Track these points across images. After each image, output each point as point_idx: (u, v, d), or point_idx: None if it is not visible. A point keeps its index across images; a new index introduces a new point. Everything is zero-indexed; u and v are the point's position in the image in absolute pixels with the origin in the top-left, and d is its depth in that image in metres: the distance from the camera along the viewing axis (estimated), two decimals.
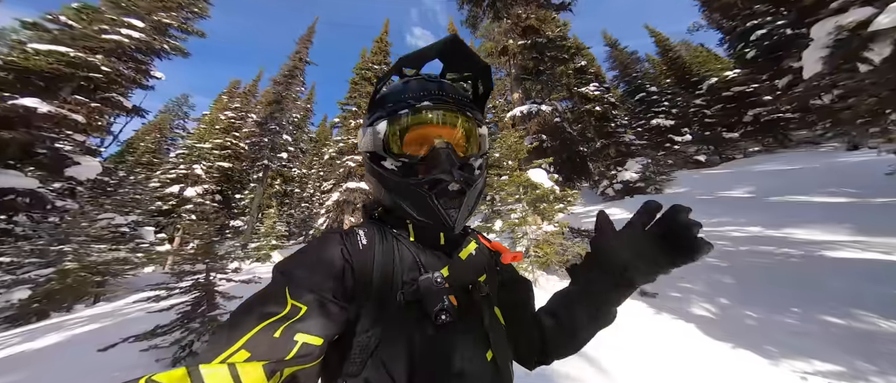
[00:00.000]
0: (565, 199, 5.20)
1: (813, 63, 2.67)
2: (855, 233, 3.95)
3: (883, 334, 2.22)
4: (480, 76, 0.63)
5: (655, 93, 17.73)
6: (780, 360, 2.15)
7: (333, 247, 0.50)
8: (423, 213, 0.54)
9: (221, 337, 0.38)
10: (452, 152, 0.54)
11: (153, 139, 22.22)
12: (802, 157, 10.54)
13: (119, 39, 7.93)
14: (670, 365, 2.30)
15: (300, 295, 0.42)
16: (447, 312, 0.46)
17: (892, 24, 1.85)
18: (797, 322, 2.55)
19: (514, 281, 0.69)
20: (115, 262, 7.47)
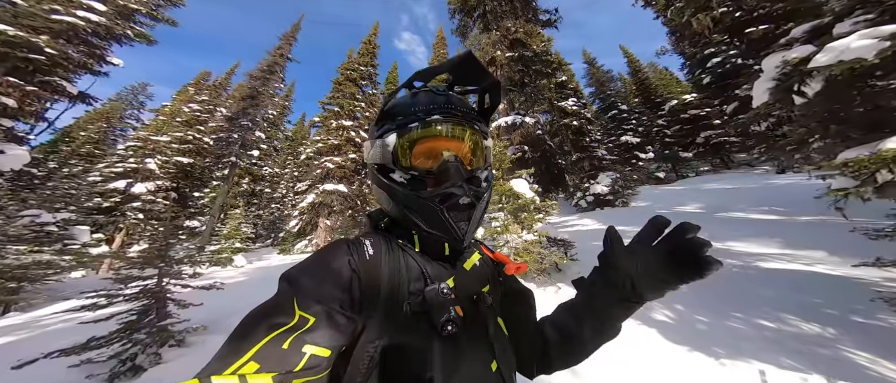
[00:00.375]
0: (544, 209, 5.40)
1: (761, 93, 3.04)
2: (783, 247, 4.54)
3: (804, 335, 2.58)
4: (489, 91, 0.64)
5: (625, 111, 19.28)
6: (725, 360, 2.41)
7: (341, 257, 0.50)
8: (434, 226, 0.54)
9: (229, 349, 0.38)
10: (462, 165, 0.56)
11: (97, 129, 19.68)
12: (741, 178, 11.98)
13: (73, 21, 6.98)
14: (635, 366, 2.46)
15: (308, 305, 0.42)
16: (453, 323, 0.47)
17: (829, 62, 2.17)
18: (739, 326, 2.86)
19: (516, 291, 0.70)
20: (36, 266, 6.31)
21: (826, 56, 2.20)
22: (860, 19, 2.43)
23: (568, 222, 9.70)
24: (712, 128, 16.53)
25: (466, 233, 0.55)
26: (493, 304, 0.59)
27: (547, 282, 4.83)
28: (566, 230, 8.05)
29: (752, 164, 15.07)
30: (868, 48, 2.02)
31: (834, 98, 2.65)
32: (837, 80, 2.51)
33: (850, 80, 2.50)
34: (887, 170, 1.90)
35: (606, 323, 0.58)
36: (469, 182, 0.55)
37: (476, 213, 0.57)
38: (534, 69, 7.32)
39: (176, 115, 16.48)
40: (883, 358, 2.20)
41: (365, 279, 0.49)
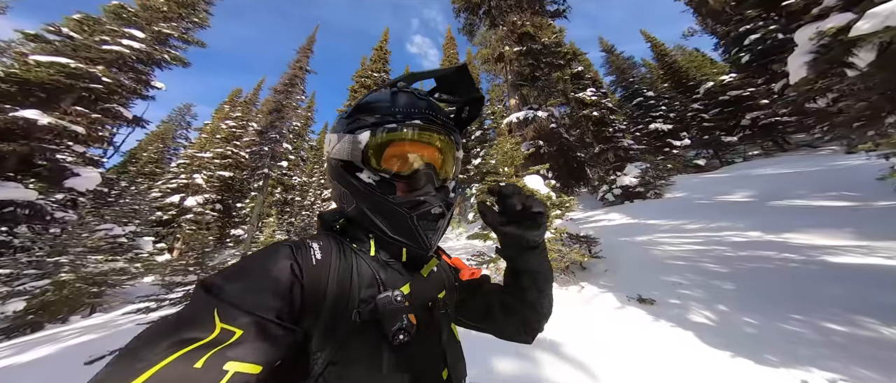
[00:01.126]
0: (562, 206, 5.17)
1: (798, 68, 2.69)
2: (857, 238, 3.85)
3: (885, 341, 2.15)
4: (470, 104, 0.63)
5: (653, 97, 17.85)
6: (780, 369, 2.08)
7: (281, 261, 0.44)
8: (400, 233, 0.52)
9: (120, 369, 0.30)
10: (435, 173, 0.54)
11: (156, 149, 22.46)
12: (801, 161, 10.49)
13: (119, 50, 8.09)
14: (667, 373, 2.23)
15: (233, 317, 0.36)
16: (405, 331, 0.44)
17: (873, 29, 1.86)
18: (798, 329, 2.47)
19: (475, 286, 0.71)
20: (113, 273, 7.47)
21: (869, 23, 1.90)
22: None
23: (593, 217, 9.18)
24: (759, 108, 14.73)
25: (433, 242, 0.53)
26: (448, 311, 0.58)
27: (569, 280, 4.62)
28: (590, 225, 7.63)
29: (814, 145, 13.17)
30: None
31: (893, 69, 2.26)
32: (891, 48, 2.14)
33: None
34: None
35: (532, 272, 0.64)
36: (439, 191, 0.54)
37: (444, 223, 0.55)
38: (545, 61, 7.06)
39: (215, 133, 18.26)
40: None
41: (309, 286, 0.44)
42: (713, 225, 5.65)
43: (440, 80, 0.61)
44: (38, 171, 6.04)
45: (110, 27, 8.48)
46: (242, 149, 17.71)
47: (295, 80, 18.44)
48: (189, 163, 16.77)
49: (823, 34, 2.40)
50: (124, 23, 8.95)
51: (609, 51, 20.87)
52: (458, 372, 0.54)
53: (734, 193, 8.04)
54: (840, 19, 2.30)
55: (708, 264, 4.02)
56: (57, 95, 6.61)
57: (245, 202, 18.99)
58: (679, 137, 16.23)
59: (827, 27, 2.36)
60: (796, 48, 2.74)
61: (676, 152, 15.67)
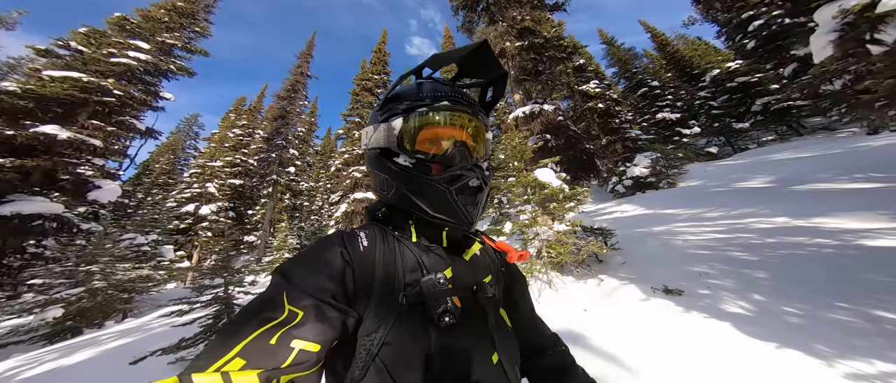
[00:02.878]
0: (575, 198, 5.10)
1: (823, 48, 2.60)
2: (893, 220, 3.62)
3: None
4: (494, 83, 0.64)
5: (658, 87, 17.54)
6: (834, 361, 1.94)
7: (333, 249, 0.49)
8: (442, 210, 0.53)
9: (218, 343, 0.37)
10: (468, 151, 0.56)
11: (167, 160, 23.01)
12: (819, 144, 10.15)
13: (127, 62, 8.28)
14: (707, 365, 2.15)
15: (298, 299, 0.41)
16: (451, 314, 0.45)
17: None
18: (846, 318, 2.31)
19: (515, 281, 0.70)
20: (140, 280, 7.74)
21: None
22: None
23: (605, 209, 9.05)
24: (769, 93, 14.35)
25: (473, 217, 0.54)
26: (495, 295, 0.57)
27: (587, 273, 4.55)
28: (603, 218, 7.52)
29: (831, 128, 12.75)
30: None
31: None
32: None
33: None
34: None
35: None
36: (477, 168, 0.55)
37: (482, 197, 0.56)
38: (547, 55, 6.99)
39: (224, 141, 18.61)
40: None
41: (359, 270, 0.48)
42: (735, 212, 5.50)
43: (462, 64, 0.61)
44: (62, 185, 6.23)
45: (116, 39, 8.69)
46: (250, 157, 18.02)
47: (297, 85, 18.68)
48: (201, 173, 17.13)
49: (847, 12, 2.32)
50: (129, 34, 9.16)
51: (609, 43, 20.59)
52: (510, 356, 0.52)
53: (752, 179, 7.82)
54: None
55: (735, 252, 3.91)
56: (73, 110, 6.81)
57: (256, 209, 19.31)
58: (688, 126, 15.91)
59: (851, 4, 2.30)
60: (817, 28, 2.64)
61: (686, 141, 15.36)
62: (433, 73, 0.63)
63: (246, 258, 10.55)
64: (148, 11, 10.35)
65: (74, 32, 8.41)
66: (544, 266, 4.54)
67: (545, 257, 4.62)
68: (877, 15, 2.15)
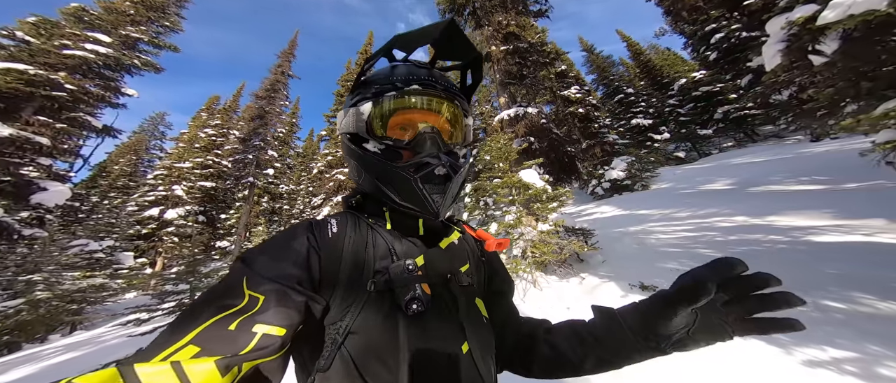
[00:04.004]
0: (558, 199, 5.26)
1: (773, 56, 2.87)
2: (836, 217, 4.08)
3: (884, 316, 2.21)
4: (471, 66, 0.62)
5: (632, 94, 18.63)
6: (792, 349, 2.11)
7: (300, 236, 0.49)
8: (407, 198, 0.52)
9: (168, 333, 0.35)
10: (439, 137, 0.53)
11: (129, 161, 21.19)
12: (771, 150, 11.21)
13: (84, 55, 7.57)
14: (681, 358, 2.27)
15: (259, 284, 0.40)
16: (419, 301, 0.44)
17: (837, 18, 2.01)
18: (800, 309, 2.54)
19: (497, 274, 0.67)
20: (92, 289, 7.01)
21: (833, 12, 2.05)
22: None
23: (585, 211, 9.41)
24: (729, 102, 15.68)
25: (441, 206, 0.52)
26: (472, 284, 0.56)
27: (569, 272, 4.69)
28: (584, 219, 7.81)
29: (780, 135, 14.12)
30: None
31: (856, 55, 2.44)
32: (854, 35, 2.31)
33: (867, 35, 2.29)
34: None
35: (617, 364, 0.51)
36: (447, 155, 0.53)
37: (452, 186, 0.53)
38: (531, 60, 7.23)
39: (194, 142, 17.45)
40: None
41: (326, 257, 0.47)
42: (701, 212, 5.91)
43: (437, 46, 0.59)
44: (1, 187, 5.54)
45: (71, 31, 7.93)
46: (224, 158, 17.00)
47: (277, 85, 17.93)
48: (167, 174, 15.92)
49: (793, 24, 2.57)
50: (87, 26, 8.39)
51: (589, 50, 21.62)
52: (482, 346, 0.51)
53: (715, 182, 8.47)
54: (807, 9, 2.48)
55: (702, 249, 4.19)
56: (16, 104, 6.11)
57: (230, 213, 18.20)
58: (659, 131, 16.99)
59: (796, 17, 2.54)
60: (768, 38, 2.91)
61: (658, 146, 16.38)
62: (407, 56, 0.60)
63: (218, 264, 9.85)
64: (111, 3, 9.55)
65: (22, 22, 7.59)
66: (529, 265, 4.62)
67: (529, 257, 4.71)
68: (817, 27, 2.36)
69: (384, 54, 0.57)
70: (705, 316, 0.44)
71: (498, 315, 0.62)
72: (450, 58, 0.62)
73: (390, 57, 0.59)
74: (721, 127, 16.01)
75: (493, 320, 0.59)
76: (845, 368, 1.88)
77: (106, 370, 0.28)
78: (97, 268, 7.64)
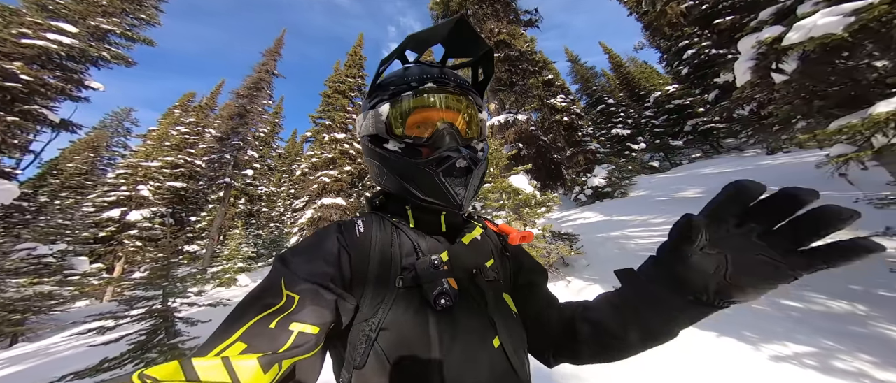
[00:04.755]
0: (545, 204, 5.42)
1: (743, 73, 3.15)
2: None
3: (835, 314, 2.47)
4: (482, 61, 0.63)
5: (613, 105, 19.64)
6: (760, 345, 2.29)
7: (330, 236, 0.51)
8: (431, 193, 0.53)
9: (221, 331, 0.38)
10: (456, 132, 0.54)
11: (86, 159, 19.36)
12: (733, 161, 12.21)
13: (45, 45, 6.92)
14: (663, 356, 2.39)
15: (295, 284, 0.42)
16: (447, 295, 0.45)
17: (801, 39, 2.26)
18: (762, 307, 2.78)
19: (523, 266, 0.66)
20: (37, 298, 6.27)
21: (797, 34, 2.30)
22: (819, 0, 2.54)
23: (570, 216, 9.72)
24: (698, 115, 16.94)
25: (464, 199, 0.53)
26: (498, 279, 0.57)
27: (556, 276, 4.81)
28: (569, 224, 8.07)
29: (741, 148, 15.40)
30: (835, 24, 2.11)
31: (811, 75, 2.75)
32: (811, 57, 2.60)
33: (823, 57, 2.59)
34: (882, 135, 1.96)
35: (664, 328, 0.45)
36: (466, 148, 0.54)
37: (473, 179, 0.54)
38: (521, 68, 7.51)
39: (164, 139, 16.32)
40: None
41: (356, 256, 0.49)
42: (674, 218, 6.20)
43: (448, 45, 0.60)
44: None
45: (32, 19, 7.24)
46: (198, 157, 15.99)
47: (261, 83, 17.24)
48: (132, 174, 14.71)
49: (762, 43, 2.83)
50: (51, 15, 7.70)
51: (574, 61, 22.65)
52: (513, 341, 0.50)
53: (686, 190, 9.08)
54: (774, 30, 2.77)
55: None
56: None
57: (202, 215, 17.07)
58: (636, 141, 17.99)
59: (765, 37, 2.81)
60: (740, 55, 3.18)
61: (635, 155, 17.32)
62: (419, 57, 0.61)
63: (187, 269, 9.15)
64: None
65: None
66: None
67: None
68: (782, 47, 2.58)
69: (398, 55, 0.58)
70: (740, 256, 0.35)
71: (533, 306, 0.61)
72: (461, 55, 0.63)
73: (403, 58, 0.61)
74: (690, 139, 17.24)
75: (527, 313, 0.59)
76: (806, 362, 2.06)
77: (169, 363, 0.31)
78: (46, 275, 6.84)
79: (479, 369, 0.44)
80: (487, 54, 0.60)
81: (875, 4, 1.93)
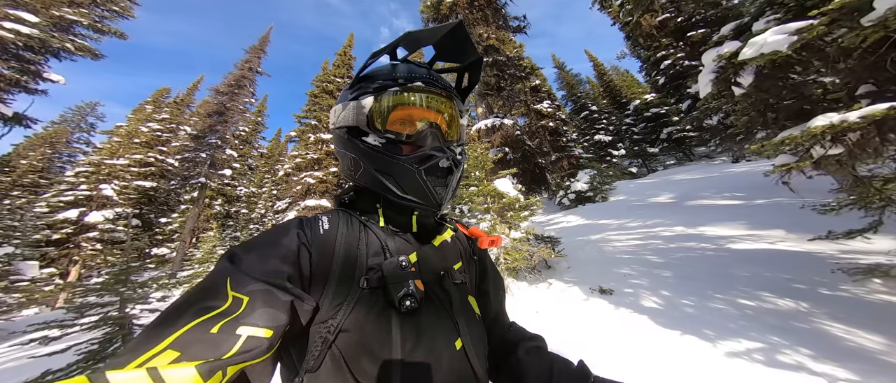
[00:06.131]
0: (529, 207, 5.54)
1: (705, 85, 3.39)
2: (748, 228, 4.87)
3: (783, 312, 2.67)
4: (470, 68, 0.64)
5: (596, 111, 20.43)
6: (717, 342, 2.45)
7: (290, 231, 0.48)
8: (410, 190, 0.52)
9: (144, 338, 0.33)
10: (440, 133, 0.55)
11: (41, 155, 17.82)
12: (703, 168, 13.01)
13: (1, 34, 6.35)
14: (634, 353, 2.50)
15: (244, 285, 0.38)
16: (412, 297, 0.44)
17: (753, 55, 2.47)
18: (722, 306, 2.96)
19: (487, 273, 0.67)
20: None
21: (750, 50, 2.51)
22: (771, 18, 2.79)
23: (553, 220, 9.97)
24: (672, 124, 17.95)
25: (443, 199, 0.53)
26: (464, 282, 0.57)
27: (538, 278, 4.91)
28: (552, 227, 8.27)
29: (710, 156, 16.45)
30: (781, 42, 2.33)
31: (765, 89, 3.00)
32: (764, 72, 2.84)
33: (773, 72, 2.84)
34: (820, 146, 2.18)
35: None
36: (448, 150, 0.54)
37: (452, 180, 0.55)
38: (508, 73, 7.68)
39: (133, 136, 15.29)
40: (857, 328, 2.27)
41: (317, 253, 0.46)
42: (649, 222, 6.62)
43: (439, 47, 0.61)
44: None
45: None
46: (170, 156, 15.11)
47: (243, 81, 16.61)
48: (94, 172, 13.65)
49: (721, 57, 3.05)
50: (9, 3, 7.08)
51: (560, 68, 23.39)
52: (475, 344, 0.50)
53: (660, 196, 9.57)
54: (733, 45, 2.99)
55: (649, 256, 4.68)
56: None
57: (173, 216, 16.08)
58: (617, 148, 18.78)
59: (724, 51, 3.03)
60: (703, 68, 3.42)
61: (615, 161, 18.07)
62: (408, 55, 0.61)
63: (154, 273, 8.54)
64: None
65: None
66: (502, 272, 4.76)
67: (502, 263, 4.86)
68: (739, 62, 2.78)
69: (390, 50, 0.57)
70: None
71: (485, 315, 0.62)
72: (450, 59, 0.64)
73: (393, 55, 0.60)
74: (666, 146, 18.21)
75: (482, 318, 0.59)
76: (755, 357, 2.22)
77: (74, 378, 0.27)
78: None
79: (440, 371, 0.44)
80: (476, 62, 0.62)
81: (815, 25, 2.16)
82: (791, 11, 2.72)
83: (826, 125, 2.03)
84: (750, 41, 2.55)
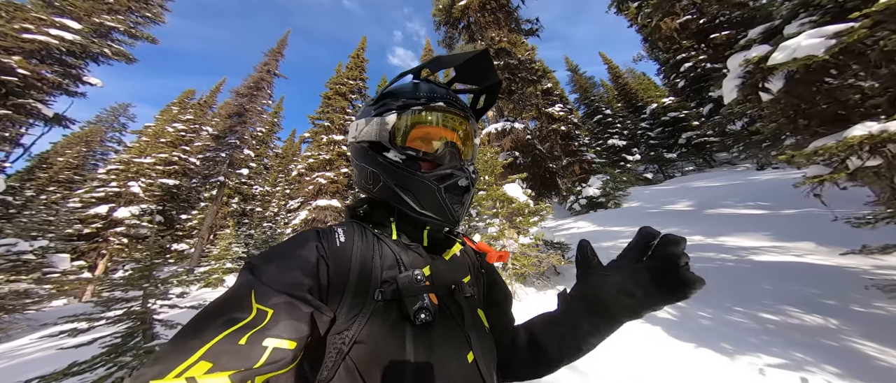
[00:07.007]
0: (539, 213, 5.45)
1: (730, 91, 3.23)
2: (773, 239, 4.60)
3: (808, 327, 2.53)
4: (487, 91, 0.67)
5: (610, 115, 19.93)
6: (736, 357, 2.34)
7: (308, 243, 0.48)
8: (428, 206, 0.54)
9: (174, 349, 0.34)
10: (458, 152, 0.58)
11: (77, 153, 19.10)
12: (725, 175, 12.42)
13: (45, 40, 6.89)
14: (644, 365, 2.41)
15: (267, 297, 0.39)
16: (427, 311, 0.45)
17: (784, 60, 2.33)
18: (742, 320, 2.82)
19: (496, 285, 0.70)
20: (12, 296, 6.06)
21: (782, 54, 2.37)
22: (805, 21, 2.64)
23: (563, 225, 9.77)
24: (692, 129, 17.25)
25: (459, 216, 0.55)
26: (474, 295, 0.58)
27: (546, 285, 4.81)
28: (562, 233, 8.10)
29: (733, 162, 15.69)
30: (818, 46, 2.20)
31: (796, 94, 2.83)
32: (796, 77, 2.68)
33: (807, 77, 2.68)
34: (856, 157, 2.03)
35: (582, 343, 0.55)
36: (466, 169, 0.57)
37: (468, 198, 0.57)
38: (520, 76, 7.60)
39: (159, 136, 16.16)
40: (892, 347, 2.14)
41: (334, 266, 0.47)
42: (664, 230, 6.35)
43: (460, 69, 0.64)
44: None
45: (36, 15, 7.23)
46: (193, 155, 15.85)
47: (261, 83, 17.26)
48: (123, 170, 14.50)
49: (749, 62, 2.91)
50: (56, 12, 7.70)
51: (574, 70, 23.01)
52: (486, 356, 0.52)
53: (678, 203, 9.19)
54: (761, 50, 2.83)
55: None
56: None
57: (192, 213, 16.82)
58: (632, 153, 18.23)
59: (751, 56, 2.87)
60: (729, 73, 3.26)
61: (630, 166, 17.54)
62: (430, 75, 0.65)
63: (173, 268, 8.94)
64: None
65: None
66: (509, 277, 4.69)
67: (510, 268, 4.79)
68: (768, 67, 2.66)
69: (417, 71, 0.62)
70: (631, 278, 0.49)
71: (496, 325, 0.64)
72: (469, 81, 0.68)
73: (417, 74, 0.64)
74: (684, 151, 17.50)
75: (491, 330, 0.61)
76: (776, 374, 2.10)
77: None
78: (24, 272, 6.64)
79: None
80: (495, 86, 0.65)
81: (856, 28, 2.02)
82: (829, 13, 2.55)
83: (864, 135, 1.89)
84: (781, 45, 2.41)
